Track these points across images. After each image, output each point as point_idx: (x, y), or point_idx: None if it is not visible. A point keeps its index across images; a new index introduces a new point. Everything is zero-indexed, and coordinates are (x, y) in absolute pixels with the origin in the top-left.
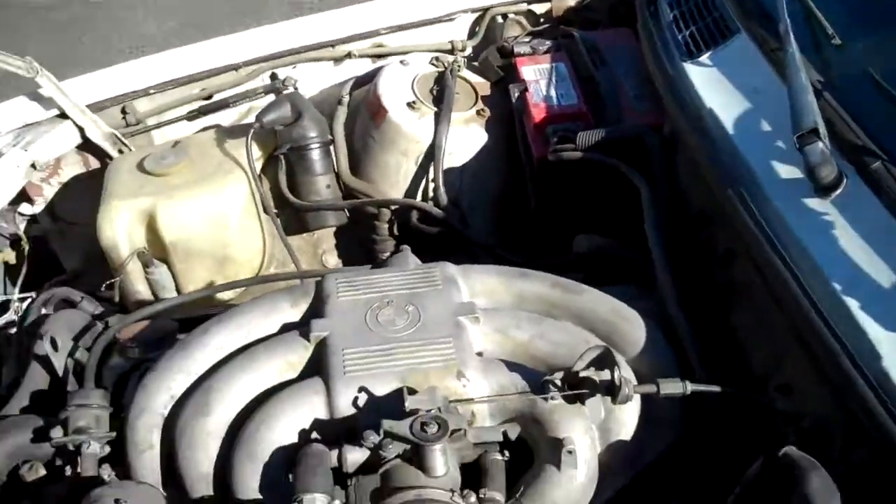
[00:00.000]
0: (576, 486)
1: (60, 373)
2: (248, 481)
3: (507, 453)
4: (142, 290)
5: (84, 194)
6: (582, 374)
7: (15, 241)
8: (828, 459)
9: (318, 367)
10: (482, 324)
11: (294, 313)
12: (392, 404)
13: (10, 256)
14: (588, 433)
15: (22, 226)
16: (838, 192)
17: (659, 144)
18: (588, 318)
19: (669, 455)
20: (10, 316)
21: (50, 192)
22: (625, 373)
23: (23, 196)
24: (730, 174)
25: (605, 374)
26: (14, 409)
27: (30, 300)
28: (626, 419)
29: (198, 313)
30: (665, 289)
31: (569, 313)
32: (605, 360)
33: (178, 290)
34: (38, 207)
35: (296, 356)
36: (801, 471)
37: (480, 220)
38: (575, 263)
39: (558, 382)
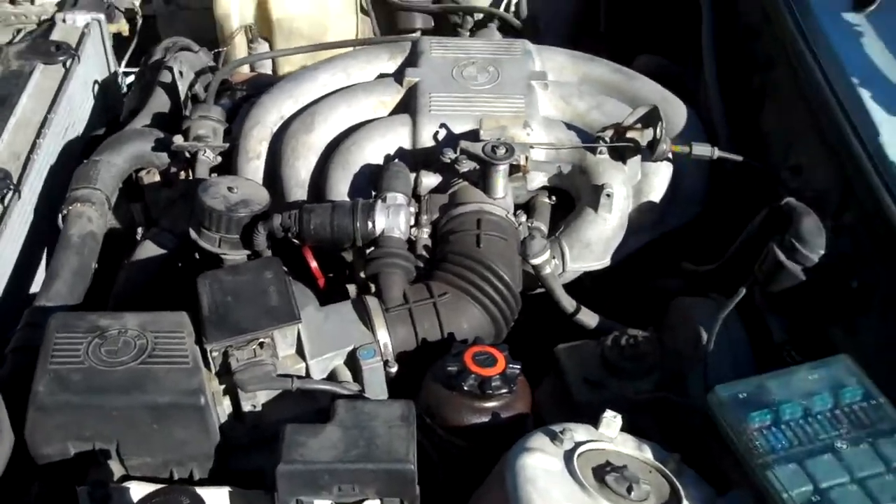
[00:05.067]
0: (608, 227)
1: (182, 98)
2: (339, 187)
3: (553, 198)
4: None
5: None
6: (629, 133)
7: (130, 18)
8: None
9: (406, 106)
10: (549, 90)
11: (390, 65)
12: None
13: (125, 28)
14: (626, 185)
15: (137, 1)
16: (872, 7)
17: None
18: (640, 100)
19: (688, 227)
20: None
21: None
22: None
23: None
24: None
25: (649, 133)
26: (136, 125)
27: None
28: (658, 184)
29: None
30: (710, 87)
31: (625, 96)
32: (652, 117)
33: (275, 69)
34: None
35: (389, 97)
36: (798, 214)
37: (553, 37)
38: None
39: (608, 139)
